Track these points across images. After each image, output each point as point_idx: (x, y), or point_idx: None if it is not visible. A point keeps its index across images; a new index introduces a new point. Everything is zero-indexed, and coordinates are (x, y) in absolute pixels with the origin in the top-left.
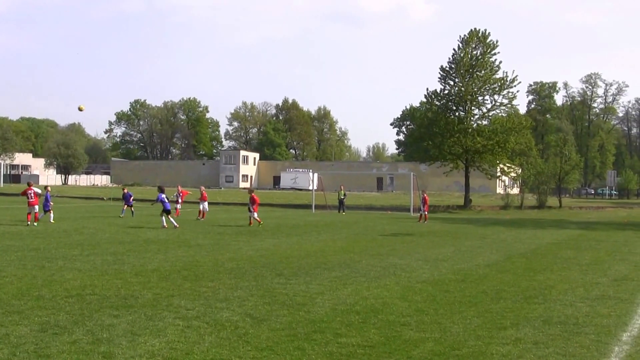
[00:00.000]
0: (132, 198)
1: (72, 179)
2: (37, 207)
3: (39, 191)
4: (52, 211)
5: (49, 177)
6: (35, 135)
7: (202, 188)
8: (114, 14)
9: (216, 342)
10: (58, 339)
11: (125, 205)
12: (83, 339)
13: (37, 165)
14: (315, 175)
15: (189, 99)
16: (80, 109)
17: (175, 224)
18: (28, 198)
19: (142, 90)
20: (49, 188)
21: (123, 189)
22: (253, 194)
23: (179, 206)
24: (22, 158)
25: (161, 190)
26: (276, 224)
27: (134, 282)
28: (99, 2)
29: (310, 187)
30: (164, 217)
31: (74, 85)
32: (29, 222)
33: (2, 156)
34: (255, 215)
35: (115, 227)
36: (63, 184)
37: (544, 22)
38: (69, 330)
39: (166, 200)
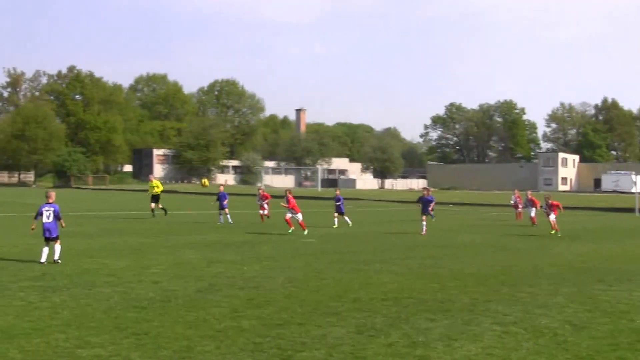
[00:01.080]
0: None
1: (388, 183)
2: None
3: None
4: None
5: (366, 182)
6: (351, 140)
7: (529, 193)
8: (424, 17)
9: (534, 349)
10: (374, 341)
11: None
12: (399, 342)
13: (353, 169)
14: (639, 177)
15: (505, 101)
16: (203, 184)
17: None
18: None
19: (457, 94)
20: (222, 187)
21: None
22: (552, 201)
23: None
24: (339, 163)
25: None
26: (597, 228)
27: (451, 286)
28: (412, 7)
29: (634, 190)
30: (425, 221)
31: (390, 89)
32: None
33: (319, 161)
34: (553, 217)
35: (432, 231)
36: (379, 188)
37: None
38: (385, 333)
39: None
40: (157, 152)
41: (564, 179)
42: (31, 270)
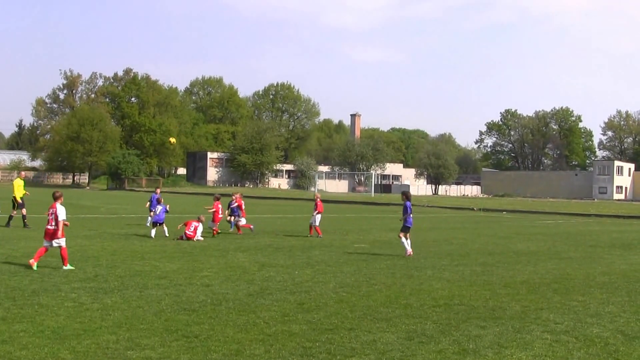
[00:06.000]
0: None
1: (442, 189)
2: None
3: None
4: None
5: (419, 187)
6: (405, 145)
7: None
8: (481, 24)
9: (585, 358)
10: (424, 348)
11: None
12: (449, 349)
13: (407, 175)
14: None
15: (561, 108)
16: (171, 142)
17: None
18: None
19: (513, 100)
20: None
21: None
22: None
23: None
24: (393, 168)
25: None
26: None
27: (503, 293)
28: (470, 14)
29: None
30: None
31: (443, 95)
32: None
33: (373, 166)
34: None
35: (485, 238)
36: (433, 194)
37: None
38: (435, 339)
39: None
40: (211, 155)
41: (619, 188)
42: (83, 272)
